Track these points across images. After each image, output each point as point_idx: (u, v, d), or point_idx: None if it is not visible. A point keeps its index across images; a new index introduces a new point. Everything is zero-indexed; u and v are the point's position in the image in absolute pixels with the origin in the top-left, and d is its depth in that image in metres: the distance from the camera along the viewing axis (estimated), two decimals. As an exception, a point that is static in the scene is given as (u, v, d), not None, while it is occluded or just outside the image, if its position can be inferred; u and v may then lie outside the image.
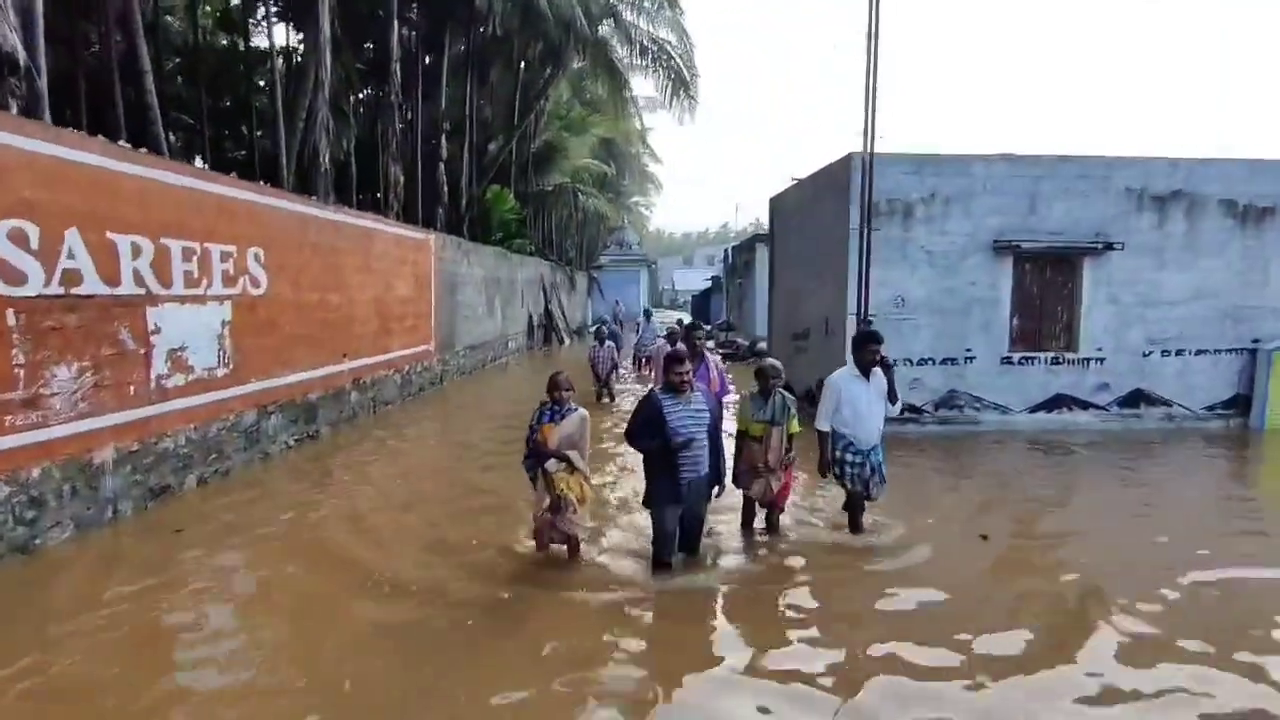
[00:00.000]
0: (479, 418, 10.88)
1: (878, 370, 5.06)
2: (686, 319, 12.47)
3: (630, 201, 45.87)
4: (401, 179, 13.43)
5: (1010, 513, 6.20)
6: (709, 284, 37.73)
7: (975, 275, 9.27)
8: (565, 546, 4.76)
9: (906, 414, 9.28)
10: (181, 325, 6.25)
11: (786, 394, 5.24)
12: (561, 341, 25.03)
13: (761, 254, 18.92)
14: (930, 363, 9.37)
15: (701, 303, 34.55)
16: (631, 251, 45.41)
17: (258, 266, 7.37)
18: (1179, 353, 9.58)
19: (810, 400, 9.58)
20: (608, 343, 11.76)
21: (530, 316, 22.98)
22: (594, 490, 5.12)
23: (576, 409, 4.63)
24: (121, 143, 6.10)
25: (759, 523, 5.50)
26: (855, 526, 5.38)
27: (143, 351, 5.81)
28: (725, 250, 23.19)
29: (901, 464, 7.60)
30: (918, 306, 9.26)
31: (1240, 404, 9.72)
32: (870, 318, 9.21)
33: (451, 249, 14.26)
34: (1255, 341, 9.60)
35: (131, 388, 5.70)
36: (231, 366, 6.96)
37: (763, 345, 18.69)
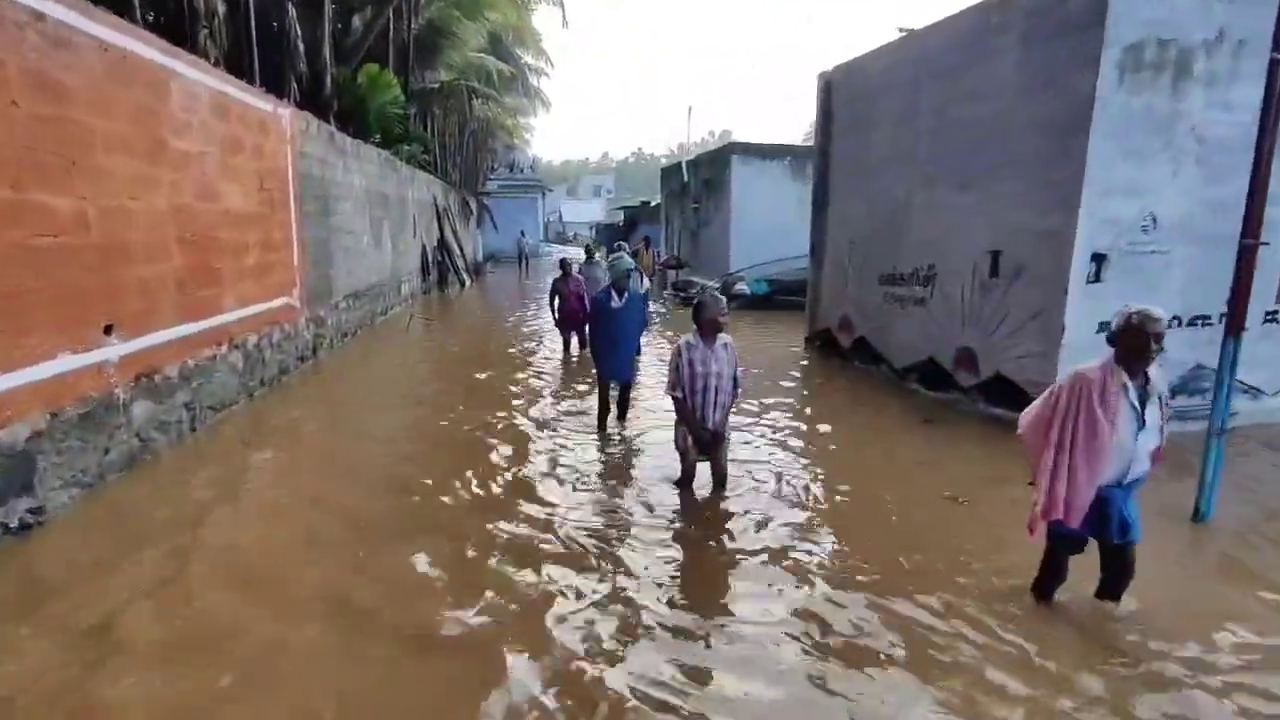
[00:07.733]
0: (398, 437, 6.11)
1: None
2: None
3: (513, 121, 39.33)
4: (221, 7, 7.60)
5: None
6: (620, 214, 33.02)
7: (1258, 180, 5.73)
8: None
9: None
10: None
11: None
12: (461, 284, 19.62)
13: (741, 169, 14.68)
14: (1177, 323, 5.84)
15: (620, 235, 29.75)
16: (524, 176, 39.13)
17: None
18: None
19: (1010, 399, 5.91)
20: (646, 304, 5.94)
21: (424, 250, 17.51)
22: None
23: None
24: None
25: None
26: None
27: None
28: (681, 164, 18.66)
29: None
30: (1168, 231, 5.65)
31: None
32: (1101, 254, 5.51)
33: (321, 139, 8.84)
34: None
35: None
36: None
37: (742, 287, 14.70)
